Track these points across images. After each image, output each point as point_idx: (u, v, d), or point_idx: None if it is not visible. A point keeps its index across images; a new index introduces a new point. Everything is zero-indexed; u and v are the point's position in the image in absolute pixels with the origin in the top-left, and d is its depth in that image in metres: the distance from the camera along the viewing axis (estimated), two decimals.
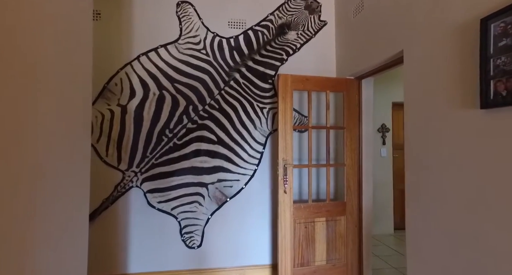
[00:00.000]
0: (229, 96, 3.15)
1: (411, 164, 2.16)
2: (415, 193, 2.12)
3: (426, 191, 2.01)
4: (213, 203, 3.09)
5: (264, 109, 3.21)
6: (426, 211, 2.02)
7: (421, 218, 2.06)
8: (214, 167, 3.11)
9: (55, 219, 1.32)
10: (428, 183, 1.99)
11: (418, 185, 2.08)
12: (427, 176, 1.99)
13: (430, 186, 1.98)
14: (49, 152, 1.28)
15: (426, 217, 2.02)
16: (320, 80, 2.97)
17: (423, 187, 2.03)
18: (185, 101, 3.04)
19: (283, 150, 2.86)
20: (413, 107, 2.14)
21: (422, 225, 2.04)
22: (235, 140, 3.15)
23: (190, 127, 3.06)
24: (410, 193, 2.15)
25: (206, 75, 3.10)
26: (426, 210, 2.01)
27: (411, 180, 2.15)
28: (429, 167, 1.97)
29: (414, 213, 2.12)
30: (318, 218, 2.94)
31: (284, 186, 2.84)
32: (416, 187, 2.11)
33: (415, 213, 2.11)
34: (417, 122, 2.11)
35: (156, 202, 2.94)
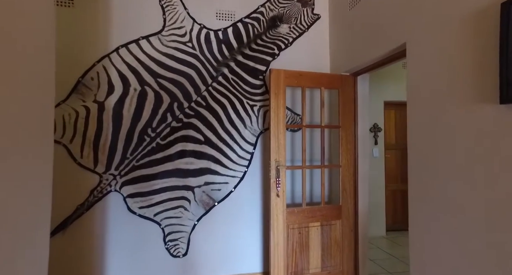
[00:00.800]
0: (217, 93, 2.91)
1: (415, 165, 1.98)
2: (420, 195, 1.93)
3: (434, 194, 1.83)
4: (200, 208, 2.84)
5: (254, 107, 2.99)
6: (433, 215, 1.83)
7: (427, 221, 1.88)
8: (201, 169, 2.86)
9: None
10: (436, 185, 1.81)
11: (425, 187, 1.90)
12: (436, 177, 1.81)
13: (438, 189, 1.80)
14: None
15: (433, 221, 1.83)
16: (314, 76, 2.76)
17: (431, 189, 1.85)
18: (169, 98, 2.78)
19: (276, 150, 2.64)
20: (418, 105, 1.96)
21: (429, 229, 1.86)
22: (223, 140, 2.91)
23: (175, 126, 2.80)
24: (414, 194, 1.97)
25: (192, 70, 2.85)
26: (434, 213, 1.83)
27: (416, 182, 1.97)
28: (438, 168, 1.79)
29: (419, 216, 1.94)
30: (312, 223, 2.73)
31: (276, 189, 2.62)
32: (421, 189, 1.92)
33: (420, 216, 1.93)
34: (422, 121, 1.92)
35: (137, 208, 2.67)
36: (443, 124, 1.77)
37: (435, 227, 1.82)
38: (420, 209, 1.94)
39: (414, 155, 2.00)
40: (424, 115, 1.91)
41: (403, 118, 4.31)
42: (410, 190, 2.03)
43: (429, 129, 1.88)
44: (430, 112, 1.87)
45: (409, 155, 2.05)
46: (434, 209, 1.82)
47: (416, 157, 1.98)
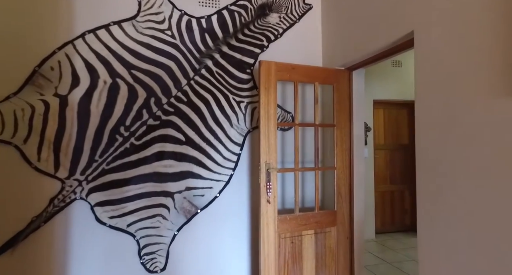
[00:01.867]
0: (200, 88, 2.56)
1: (425, 165, 1.73)
2: (431, 199, 1.68)
3: (446, 197, 1.58)
4: (181, 216, 2.49)
5: (241, 104, 2.66)
6: (446, 219, 1.58)
7: (438, 226, 1.62)
8: (182, 172, 2.50)
9: None
10: (451, 189, 1.56)
11: (436, 189, 1.65)
12: (450, 180, 1.56)
13: (453, 193, 1.55)
14: None
15: (446, 226, 1.58)
16: (308, 69, 2.48)
17: (445, 193, 1.60)
18: (145, 92, 2.41)
19: (266, 151, 2.33)
20: (428, 101, 1.71)
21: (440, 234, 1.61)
22: (207, 140, 2.57)
23: (152, 125, 2.43)
24: (424, 197, 1.71)
25: (172, 61, 2.49)
26: (447, 218, 1.58)
27: (425, 184, 1.72)
28: (453, 170, 1.54)
29: (429, 219, 1.69)
30: (306, 231, 2.44)
31: (267, 195, 2.31)
32: (432, 191, 1.67)
33: (430, 220, 1.68)
34: (433, 118, 1.67)
35: (107, 218, 2.28)
36: (458, 122, 1.52)
37: (447, 232, 1.57)
38: (430, 212, 1.68)
39: (423, 155, 1.75)
40: (435, 112, 1.67)
41: (392, 118, 4.12)
42: (418, 192, 1.78)
43: (441, 128, 1.63)
44: (443, 109, 1.62)
45: (417, 155, 1.80)
46: (447, 213, 1.58)
47: (426, 157, 1.73)
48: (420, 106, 1.77)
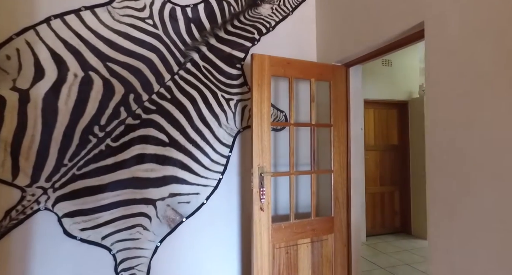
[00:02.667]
0: (185, 83, 2.28)
1: (437, 168, 1.53)
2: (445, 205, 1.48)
3: (464, 204, 1.38)
4: (164, 226, 2.19)
5: (231, 101, 2.40)
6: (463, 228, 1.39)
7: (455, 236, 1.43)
8: (165, 177, 2.21)
9: None
10: (468, 194, 1.37)
11: (453, 195, 1.45)
12: (468, 184, 1.37)
13: (472, 199, 1.35)
14: None
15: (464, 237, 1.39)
16: (304, 65, 2.24)
17: (462, 200, 1.40)
18: (123, 88, 2.10)
19: (259, 153, 2.08)
20: (441, 97, 1.51)
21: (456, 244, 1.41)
22: (193, 141, 2.28)
23: (131, 124, 2.12)
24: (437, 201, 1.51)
25: (154, 53, 2.19)
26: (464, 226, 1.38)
27: (438, 189, 1.52)
28: (472, 173, 1.34)
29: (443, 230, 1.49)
30: (301, 240, 2.21)
31: (260, 201, 2.06)
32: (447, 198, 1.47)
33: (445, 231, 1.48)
34: (448, 116, 1.48)
35: (78, 230, 1.95)
36: (477, 120, 1.33)
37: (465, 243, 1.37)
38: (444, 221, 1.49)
39: (434, 157, 1.55)
40: (449, 110, 1.47)
41: (382, 118, 3.98)
42: (430, 197, 1.58)
43: (456, 127, 1.44)
44: (459, 106, 1.43)
45: (427, 157, 1.60)
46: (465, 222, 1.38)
47: (438, 159, 1.53)
48: (432, 104, 1.57)
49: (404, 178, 3.98)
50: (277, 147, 2.52)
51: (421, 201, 3.82)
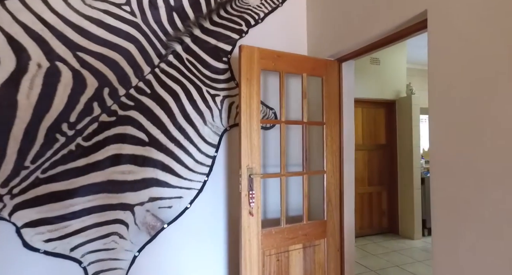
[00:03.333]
0: (167, 77, 2.05)
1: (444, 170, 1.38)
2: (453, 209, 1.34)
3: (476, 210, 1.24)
4: (143, 233, 1.96)
5: (217, 97, 2.19)
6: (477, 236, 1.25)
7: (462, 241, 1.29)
8: (144, 179, 1.97)
9: None
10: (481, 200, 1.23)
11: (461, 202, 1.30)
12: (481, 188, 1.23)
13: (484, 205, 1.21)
14: None
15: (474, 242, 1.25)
16: (295, 58, 2.07)
17: (475, 204, 1.26)
18: (96, 81, 1.85)
19: (248, 153, 1.88)
20: (446, 94, 1.37)
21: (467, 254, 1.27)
22: (175, 140, 2.06)
23: (106, 121, 1.88)
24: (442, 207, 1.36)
25: (132, 44, 1.96)
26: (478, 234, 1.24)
27: (446, 192, 1.38)
28: (483, 178, 1.20)
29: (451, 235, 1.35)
30: (293, 246, 2.03)
31: (249, 205, 1.86)
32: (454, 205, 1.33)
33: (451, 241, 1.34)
34: (455, 115, 1.33)
35: (41, 242, 1.69)
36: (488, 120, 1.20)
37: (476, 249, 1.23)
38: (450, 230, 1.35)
39: (439, 160, 1.41)
40: (456, 108, 1.33)
41: (370, 117, 3.87)
42: (433, 200, 1.43)
43: (464, 127, 1.30)
44: (467, 104, 1.29)
45: (431, 160, 1.46)
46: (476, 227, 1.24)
47: (443, 162, 1.39)
48: (435, 103, 1.43)
49: (392, 178, 3.90)
50: (265, 147, 2.33)
51: (408, 201, 3.74)
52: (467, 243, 1.28)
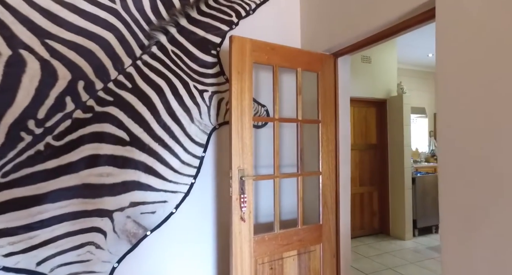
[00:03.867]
0: (150, 71, 1.85)
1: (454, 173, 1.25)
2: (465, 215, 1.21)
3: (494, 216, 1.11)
4: (122, 242, 1.75)
5: (205, 93, 2.00)
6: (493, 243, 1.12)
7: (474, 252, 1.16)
8: (125, 182, 1.77)
9: None
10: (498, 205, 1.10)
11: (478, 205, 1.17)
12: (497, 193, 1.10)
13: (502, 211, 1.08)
14: None
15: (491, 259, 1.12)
16: (290, 52, 1.90)
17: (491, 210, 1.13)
18: (69, 73, 1.63)
19: (239, 153, 1.70)
20: (457, 91, 1.23)
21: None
22: (159, 139, 1.86)
23: (81, 118, 1.66)
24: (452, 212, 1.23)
25: (110, 33, 1.75)
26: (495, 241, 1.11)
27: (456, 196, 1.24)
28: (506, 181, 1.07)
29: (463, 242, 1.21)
30: (287, 252, 1.87)
31: (241, 210, 1.69)
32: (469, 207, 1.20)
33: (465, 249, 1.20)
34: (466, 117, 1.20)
35: (0, 256, 1.45)
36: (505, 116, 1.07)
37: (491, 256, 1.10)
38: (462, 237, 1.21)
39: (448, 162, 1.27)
40: (467, 107, 1.20)
41: (361, 116, 3.76)
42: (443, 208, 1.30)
43: (478, 125, 1.17)
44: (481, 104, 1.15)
45: (439, 162, 1.33)
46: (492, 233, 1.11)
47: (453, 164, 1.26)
48: (444, 101, 1.29)
49: (383, 178, 3.81)
50: (257, 146, 2.16)
51: (399, 201, 3.66)
52: (483, 255, 1.15)
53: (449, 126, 1.28)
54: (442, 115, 1.31)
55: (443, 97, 1.30)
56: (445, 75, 1.29)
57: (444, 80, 1.30)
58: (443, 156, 1.30)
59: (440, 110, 1.32)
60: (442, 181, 1.31)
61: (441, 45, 1.31)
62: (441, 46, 1.31)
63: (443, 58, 1.30)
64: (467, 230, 1.20)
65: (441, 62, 1.31)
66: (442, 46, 1.31)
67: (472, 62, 1.19)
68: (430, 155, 5.03)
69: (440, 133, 1.32)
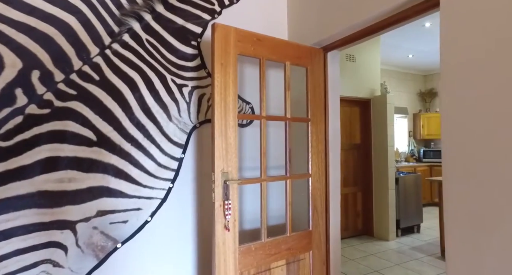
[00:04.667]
0: (122, 61, 1.60)
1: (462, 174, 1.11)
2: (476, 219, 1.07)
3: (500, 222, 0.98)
4: (88, 257, 1.49)
5: (184, 88, 1.77)
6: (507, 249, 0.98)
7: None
8: (91, 189, 1.51)
9: None
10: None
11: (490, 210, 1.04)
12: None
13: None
14: None
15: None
16: (277, 44, 1.72)
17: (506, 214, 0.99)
18: (20, 61, 1.36)
19: (223, 155, 1.49)
20: (463, 88, 1.10)
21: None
22: (132, 139, 1.62)
23: (36, 114, 1.39)
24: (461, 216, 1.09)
25: (72, 15, 1.48)
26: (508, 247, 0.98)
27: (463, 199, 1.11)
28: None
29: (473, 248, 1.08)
30: (275, 263, 1.68)
31: (225, 218, 1.48)
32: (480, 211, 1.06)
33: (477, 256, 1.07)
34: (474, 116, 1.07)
35: None
36: None
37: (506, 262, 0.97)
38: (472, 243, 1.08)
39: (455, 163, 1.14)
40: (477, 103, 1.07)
41: (345, 116, 3.65)
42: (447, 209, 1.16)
43: (488, 124, 1.04)
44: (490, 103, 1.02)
45: (443, 162, 1.19)
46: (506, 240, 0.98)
47: (460, 165, 1.12)
48: (450, 99, 1.16)
49: (366, 178, 3.72)
50: (240, 147, 1.96)
51: (383, 202, 3.58)
52: (493, 264, 1.02)
53: (455, 126, 1.14)
54: (448, 115, 1.17)
55: (448, 95, 1.17)
56: (450, 71, 1.16)
57: (449, 76, 1.16)
58: (449, 159, 1.16)
59: (445, 109, 1.18)
60: (447, 186, 1.17)
61: (445, 38, 1.18)
62: (446, 39, 1.17)
63: (448, 52, 1.16)
64: (476, 237, 1.07)
65: (446, 56, 1.17)
66: (446, 38, 1.17)
67: (480, 53, 1.06)
68: (409, 155, 5.04)
69: (445, 134, 1.18)
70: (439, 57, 1.21)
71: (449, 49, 1.16)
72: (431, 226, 4.13)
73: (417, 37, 4.00)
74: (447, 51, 1.17)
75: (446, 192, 1.18)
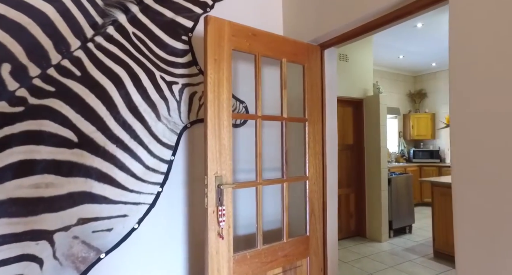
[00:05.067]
0: (106, 56, 1.46)
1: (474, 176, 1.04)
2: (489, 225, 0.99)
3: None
4: (67, 269, 1.35)
5: (174, 86, 1.65)
6: None
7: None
8: (72, 194, 1.37)
9: None
10: None
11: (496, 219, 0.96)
12: None
13: None
14: None
15: None
16: (274, 39, 1.61)
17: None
18: None
19: (216, 157, 1.38)
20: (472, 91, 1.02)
21: None
22: (118, 140, 1.48)
23: (7, 113, 1.24)
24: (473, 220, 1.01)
25: (49, 4, 1.34)
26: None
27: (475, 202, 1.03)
28: None
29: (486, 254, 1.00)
30: (271, 271, 1.57)
31: (218, 225, 1.36)
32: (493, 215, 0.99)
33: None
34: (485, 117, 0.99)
35: None
36: None
37: None
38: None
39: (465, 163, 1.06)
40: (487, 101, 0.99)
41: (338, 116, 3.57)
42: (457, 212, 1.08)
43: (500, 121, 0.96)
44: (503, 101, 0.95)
45: (452, 162, 1.11)
46: None
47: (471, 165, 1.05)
48: (458, 97, 1.08)
49: (359, 179, 3.66)
50: (234, 148, 1.85)
51: (376, 203, 3.53)
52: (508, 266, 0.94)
53: (465, 127, 1.06)
54: (457, 114, 1.09)
55: (457, 93, 1.09)
56: (459, 70, 1.08)
57: (459, 72, 1.08)
58: (457, 156, 1.09)
59: (454, 108, 1.10)
60: (457, 188, 1.09)
61: (454, 32, 1.10)
62: (455, 33, 1.10)
63: (458, 47, 1.09)
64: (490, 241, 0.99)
65: (455, 51, 1.09)
66: (455, 32, 1.09)
67: (493, 50, 0.99)
68: (400, 155, 5.04)
69: (453, 128, 1.10)
70: (448, 55, 1.13)
71: (458, 46, 1.09)
72: (422, 226, 4.11)
73: (408, 37, 3.98)
74: (456, 48, 1.09)
75: (455, 194, 1.10)
